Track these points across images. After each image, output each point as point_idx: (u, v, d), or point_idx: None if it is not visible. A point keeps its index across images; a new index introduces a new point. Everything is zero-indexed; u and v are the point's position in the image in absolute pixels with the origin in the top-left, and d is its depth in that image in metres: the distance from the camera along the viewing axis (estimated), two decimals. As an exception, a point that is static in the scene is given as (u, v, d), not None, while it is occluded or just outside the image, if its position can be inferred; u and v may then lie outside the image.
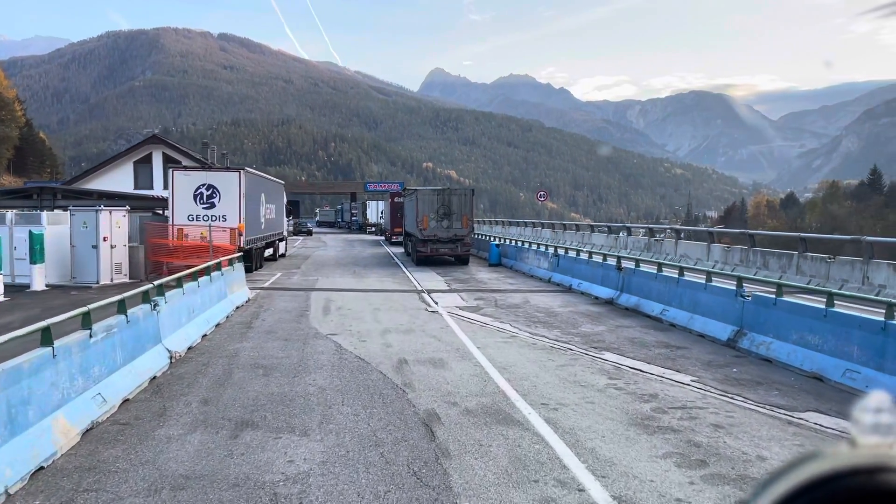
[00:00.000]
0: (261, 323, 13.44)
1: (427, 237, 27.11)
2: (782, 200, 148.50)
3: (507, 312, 14.92)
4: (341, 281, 21.64)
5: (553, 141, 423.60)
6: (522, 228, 51.73)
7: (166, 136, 68.11)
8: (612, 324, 13.43)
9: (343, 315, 14.48)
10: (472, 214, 27.54)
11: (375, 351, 10.78)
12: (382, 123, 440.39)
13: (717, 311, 11.58)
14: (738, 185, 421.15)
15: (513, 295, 18.02)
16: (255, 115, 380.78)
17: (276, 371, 9.45)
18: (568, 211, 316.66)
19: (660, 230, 33.05)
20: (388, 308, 15.54)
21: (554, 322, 13.63)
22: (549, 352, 10.81)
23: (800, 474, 0.49)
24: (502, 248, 27.76)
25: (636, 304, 14.71)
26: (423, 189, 29.14)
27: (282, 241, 32.33)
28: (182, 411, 7.60)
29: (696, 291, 12.38)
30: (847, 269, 17.00)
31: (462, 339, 11.83)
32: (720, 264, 22.96)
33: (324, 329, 12.75)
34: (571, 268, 19.53)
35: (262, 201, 26.28)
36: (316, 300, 16.91)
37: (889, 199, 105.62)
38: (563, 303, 16.46)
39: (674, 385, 8.75)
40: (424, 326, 13.07)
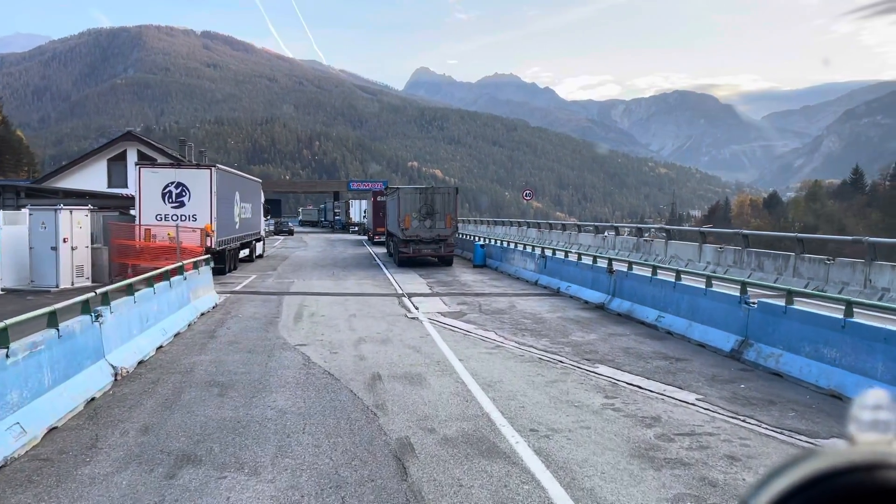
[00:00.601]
0: (225, 332, 12.38)
1: (409, 237, 26.12)
2: (765, 200, 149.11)
3: (491, 319, 13.97)
4: (318, 284, 20.60)
5: (538, 140, 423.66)
6: (508, 228, 50.89)
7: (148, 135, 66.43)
8: (604, 331, 12.52)
9: (315, 322, 13.46)
10: (455, 214, 26.58)
11: (347, 365, 9.78)
12: (367, 122, 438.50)
13: (719, 318, 10.70)
14: (722, 184, 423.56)
15: (498, 299, 17.08)
16: (239, 114, 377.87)
17: (234, 390, 8.43)
18: (553, 210, 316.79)
19: (649, 230, 32.28)
20: (364, 314, 14.53)
21: (542, 330, 12.70)
22: (538, 365, 9.87)
23: (798, 471, 0.49)
24: (487, 249, 26.84)
25: (629, 309, 13.81)
26: (406, 188, 28.15)
27: (259, 241, 31.21)
28: (116, 442, 6.57)
29: (695, 297, 11.50)
30: (848, 271, 16.22)
31: (443, 349, 10.86)
32: (712, 265, 22.18)
33: (293, 339, 11.72)
34: (559, 270, 18.63)
35: (237, 200, 25.16)
36: (288, 305, 15.86)
37: (871, 198, 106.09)
38: (550, 308, 15.54)
39: (678, 405, 7.83)
40: (403, 335, 12.08)
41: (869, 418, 0.51)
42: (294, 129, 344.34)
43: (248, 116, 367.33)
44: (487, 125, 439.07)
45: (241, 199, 26.08)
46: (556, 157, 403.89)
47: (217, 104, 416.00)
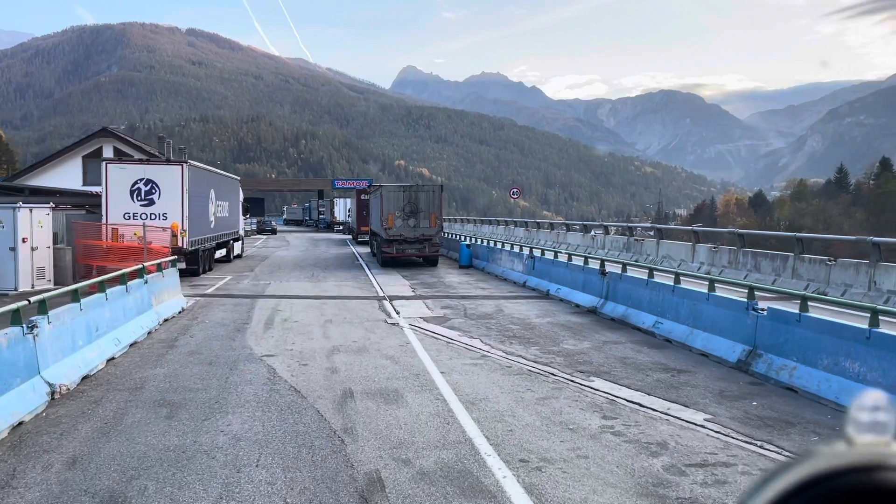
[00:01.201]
0: (187, 341, 11.38)
1: (392, 237, 25.16)
2: (751, 199, 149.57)
3: (477, 324, 13.06)
4: (296, 286, 19.60)
5: (525, 139, 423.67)
6: (495, 227, 50.06)
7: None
8: (597, 339, 11.64)
9: (287, 329, 12.49)
10: (440, 212, 25.65)
11: (317, 379, 8.83)
12: (354, 121, 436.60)
13: (724, 326, 9.85)
14: (707, 183, 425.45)
15: (484, 303, 16.17)
16: (225, 112, 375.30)
17: (185, 410, 7.46)
18: (540, 209, 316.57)
19: (638, 229, 31.51)
20: (341, 320, 13.58)
21: (531, 337, 11.80)
22: (527, 378, 8.97)
23: (796, 473, 0.49)
24: (473, 249, 25.94)
25: (623, 314, 12.95)
26: (389, 185, 27.19)
27: (237, 240, 30.15)
28: (35, 479, 5.59)
29: (697, 302, 10.65)
30: (851, 272, 15.46)
31: (423, 360, 9.93)
32: (706, 266, 21.41)
33: (260, 349, 10.75)
34: (548, 271, 17.75)
35: (212, 198, 24.10)
36: (261, 310, 14.87)
37: (856, 197, 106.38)
38: (540, 312, 14.66)
39: (685, 427, 6.95)
40: (381, 344, 11.14)
41: (867, 419, 0.50)
42: (280, 127, 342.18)
43: (234, 115, 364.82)
44: (474, 124, 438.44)
45: (217, 196, 25.02)
46: (542, 156, 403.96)
47: (202, 102, 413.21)
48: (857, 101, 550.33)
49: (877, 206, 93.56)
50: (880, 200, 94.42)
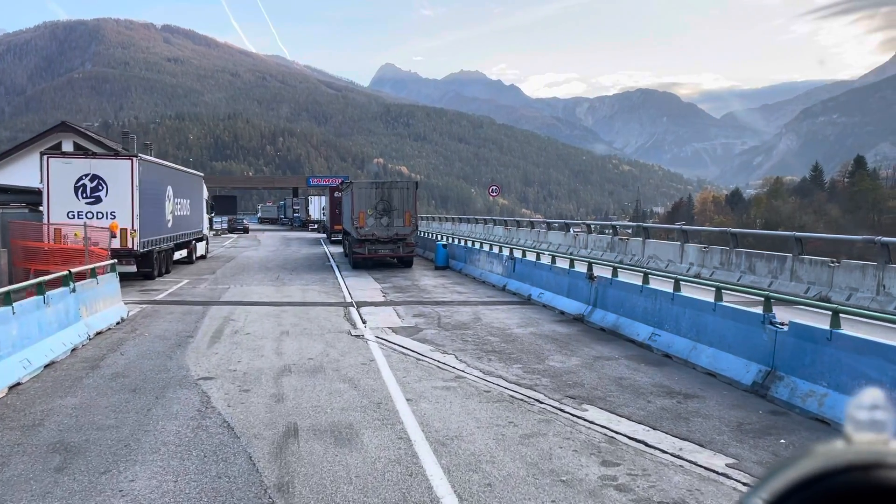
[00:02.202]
0: (115, 360, 9.84)
1: (364, 237, 23.68)
2: (728, 196, 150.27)
3: (452, 336, 11.65)
4: (257, 290, 18.06)
5: (504, 137, 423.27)
6: (473, 226, 48.71)
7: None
8: (587, 353, 10.29)
9: (236, 343, 10.99)
10: (415, 210, 24.21)
11: (257, 410, 7.37)
12: (332, 118, 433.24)
13: (734, 341, 8.55)
14: (684, 181, 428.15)
15: (460, 309, 14.77)
16: (201, 109, 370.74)
17: (83, 458, 5.97)
18: (519, 207, 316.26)
19: (623, 227, 30.31)
20: (300, 331, 12.10)
21: (512, 351, 10.42)
22: (509, 406, 7.59)
23: (795, 471, 0.49)
24: (450, 249, 24.54)
25: (615, 324, 11.62)
26: (360, 182, 25.70)
27: (201, 241, 28.44)
28: None
29: (701, 312, 9.34)
30: (856, 275, 14.29)
31: (387, 383, 8.51)
32: (696, 267, 20.23)
33: (198, 369, 9.25)
34: (530, 274, 16.40)
35: (169, 195, 22.42)
36: (212, 319, 13.34)
37: (830, 194, 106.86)
38: (521, 320, 13.29)
39: (705, 478, 5.60)
40: (340, 362, 9.69)
41: (865, 417, 0.50)
42: (257, 125, 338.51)
43: (211, 112, 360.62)
44: (453, 122, 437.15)
45: (176, 194, 23.34)
46: (521, 154, 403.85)
47: (178, 99, 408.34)
48: (830, 100, 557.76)
49: (852, 203, 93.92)
50: (855, 198, 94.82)
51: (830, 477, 0.47)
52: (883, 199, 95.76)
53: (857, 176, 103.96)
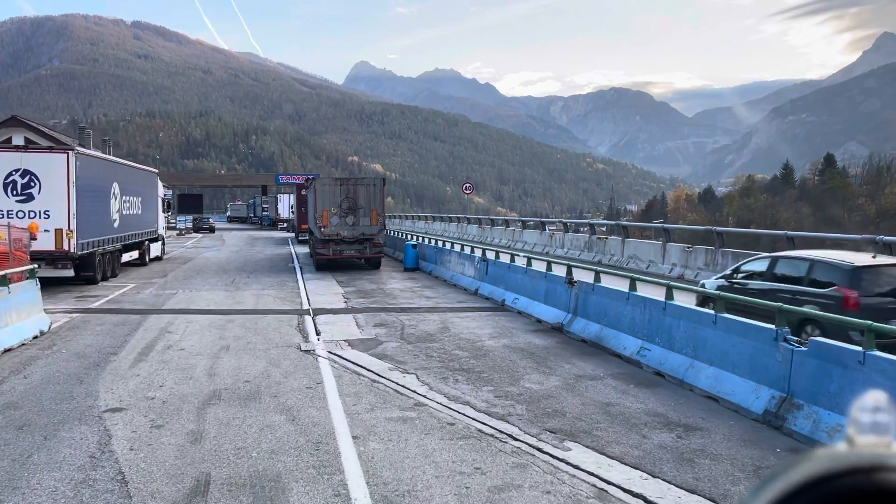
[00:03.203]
0: (14, 385, 8.33)
1: (328, 237, 22.21)
2: (700, 194, 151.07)
3: (415, 351, 10.30)
4: (207, 297, 16.53)
5: (479, 136, 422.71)
6: (447, 224, 47.43)
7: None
8: (568, 371, 9.00)
9: (165, 362, 9.52)
10: (383, 209, 22.82)
11: (164, 456, 5.96)
12: (306, 116, 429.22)
13: (739, 360, 7.32)
14: (657, 179, 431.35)
15: (427, 317, 13.42)
16: (172, 107, 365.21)
17: (-87, 536, 4.52)
18: (494, 205, 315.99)
19: (600, 225, 29.20)
20: (243, 346, 10.65)
21: (483, 370, 9.10)
22: (476, 445, 6.26)
23: (797, 474, 0.48)
24: (420, 250, 23.17)
25: (598, 335, 10.36)
26: (323, 178, 24.23)
27: (155, 241, 26.72)
28: None
29: (699, 325, 8.10)
30: (855, 277, 13.19)
31: (333, 414, 7.14)
32: (679, 267, 19.12)
33: (110, 396, 7.79)
34: (504, 277, 15.11)
35: (115, 193, 20.76)
36: (146, 331, 11.83)
37: (801, 192, 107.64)
38: (494, 330, 11.98)
39: (727, 554, 4.32)
40: (282, 385, 8.30)
41: (868, 420, 0.50)
42: (230, 122, 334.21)
43: (182, 109, 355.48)
44: (428, 120, 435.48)
45: (124, 191, 21.66)
46: (496, 152, 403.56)
47: (149, 96, 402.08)
48: (800, 99, 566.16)
49: (822, 201, 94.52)
50: (825, 196, 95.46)
51: (833, 480, 0.47)
52: (853, 196, 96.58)
53: (827, 174, 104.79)
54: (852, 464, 0.47)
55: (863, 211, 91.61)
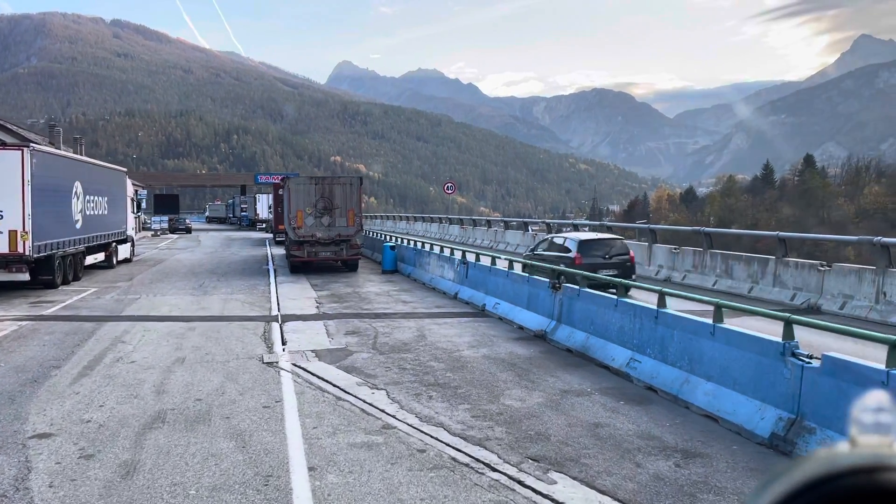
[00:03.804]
0: (-66, 406, 7.45)
1: (303, 238, 21.37)
2: (682, 194, 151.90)
3: (388, 362, 9.53)
4: (171, 302, 15.62)
5: (462, 136, 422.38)
6: (429, 224, 46.71)
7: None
8: (552, 386, 8.27)
9: (111, 377, 8.67)
10: (360, 209, 22.02)
11: (89, 492, 5.14)
12: (288, 116, 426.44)
13: (741, 376, 6.64)
14: (639, 179, 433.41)
15: (403, 324, 12.64)
16: (152, 106, 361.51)
17: None
18: (477, 205, 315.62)
19: (583, 226, 28.56)
20: (200, 357, 9.82)
21: (460, 384, 8.35)
22: (449, 477, 5.51)
23: (799, 474, 0.48)
24: (399, 252, 22.38)
25: (584, 344, 9.65)
26: (298, 177, 23.39)
27: (124, 243, 25.67)
28: None
29: (695, 337, 7.41)
30: (851, 280, 12.64)
31: (290, 439, 6.35)
32: (666, 270, 18.50)
33: (41, 419, 6.94)
34: (484, 281, 14.38)
35: (78, 192, 19.76)
36: (97, 342, 10.95)
37: (781, 193, 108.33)
38: (473, 338, 11.23)
39: None
40: (236, 405, 7.49)
41: (870, 420, 0.50)
42: (211, 122, 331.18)
43: (162, 109, 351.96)
44: (411, 120, 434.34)
45: (88, 191, 20.66)
46: (479, 152, 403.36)
47: (128, 96, 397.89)
48: (779, 100, 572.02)
49: (802, 201, 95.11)
50: (805, 196, 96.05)
51: (834, 480, 0.46)
52: (832, 196, 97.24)
53: (806, 174, 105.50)
54: (854, 464, 0.47)
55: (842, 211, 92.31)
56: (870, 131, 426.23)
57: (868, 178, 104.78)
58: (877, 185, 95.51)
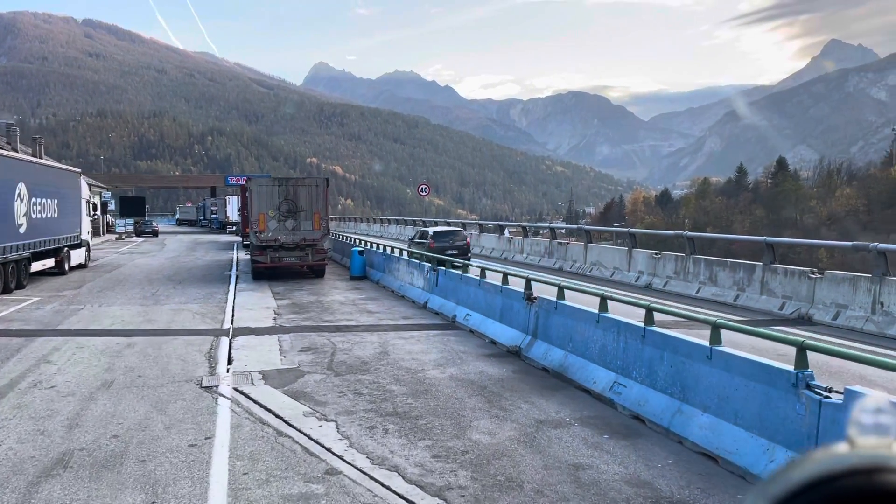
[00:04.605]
0: None
1: (266, 242, 20.21)
2: (657, 197, 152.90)
3: (342, 386, 8.48)
4: (117, 313, 14.41)
5: (439, 138, 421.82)
6: (402, 227, 45.65)
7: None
8: (526, 414, 7.28)
9: (21, 406, 7.52)
10: (326, 211, 20.91)
11: (-64, 578, 4.05)
12: (264, 117, 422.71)
13: (744, 408, 5.71)
14: (614, 182, 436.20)
15: (366, 338, 11.59)
16: (124, 107, 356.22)
17: None
18: (455, 207, 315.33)
19: (559, 229, 27.71)
20: (131, 380, 8.69)
21: (422, 413, 7.34)
22: (399, 544, 4.49)
23: (798, 475, 0.48)
24: (368, 257, 21.31)
25: (561, 364, 8.70)
26: (260, 178, 22.25)
27: (77, 248, 24.28)
28: None
29: (688, 360, 6.47)
30: (845, 289, 11.84)
31: (212, 492, 5.29)
32: (646, 276, 17.67)
33: (-85, 467, 5.80)
34: (455, 289, 13.39)
35: (21, 194, 18.43)
36: (19, 361, 9.75)
37: (755, 195, 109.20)
38: (441, 355, 10.22)
39: None
40: (158, 443, 6.40)
41: (869, 422, 0.50)
42: (185, 123, 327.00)
43: (135, 109, 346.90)
44: (388, 122, 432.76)
45: (34, 192, 19.33)
46: (457, 154, 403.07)
47: (100, 96, 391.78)
48: (752, 103, 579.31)
49: (775, 204, 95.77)
50: (778, 198, 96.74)
51: (834, 481, 0.46)
52: (805, 199, 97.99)
53: (779, 177, 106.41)
54: (853, 465, 0.46)
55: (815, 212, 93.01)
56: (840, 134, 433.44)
57: (840, 181, 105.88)
58: (848, 188, 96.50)
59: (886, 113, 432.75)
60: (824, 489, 0.46)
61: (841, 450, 0.48)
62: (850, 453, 0.48)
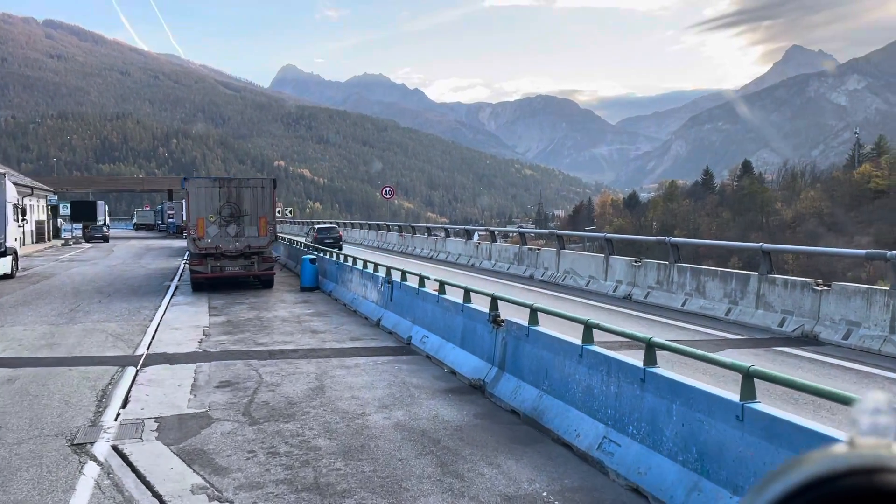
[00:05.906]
0: None
1: (205, 250, 18.19)
2: (625, 199, 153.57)
3: (256, 440, 6.61)
4: (16, 335, 12.29)
5: (408, 141, 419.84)
6: (366, 231, 43.74)
7: None
8: (489, 487, 5.49)
9: None
10: (273, 216, 18.95)
11: None
12: (231, 120, 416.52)
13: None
14: (582, 185, 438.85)
15: (301, 367, 9.70)
16: (86, 109, 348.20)
17: None
18: (424, 211, 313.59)
19: (534, 235, 26.04)
20: (-18, 436, 6.72)
21: (350, 486, 5.50)
22: None
23: (797, 475, 0.48)
24: (320, 265, 19.40)
25: (535, 406, 6.95)
26: (198, 179, 20.23)
27: (2, 256, 21.96)
28: None
29: (710, 420, 4.75)
30: (857, 303, 10.30)
31: None
32: (625, 286, 16.07)
33: None
34: (412, 306, 11.58)
35: (-80, 197, 16.17)
36: None
37: (721, 197, 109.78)
38: (388, 392, 8.39)
39: None
40: (-34, 547, 4.49)
41: (868, 422, 0.50)
42: (149, 125, 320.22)
43: (98, 111, 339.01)
44: (357, 125, 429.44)
45: (-62, 195, 17.06)
46: (426, 157, 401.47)
47: (61, 98, 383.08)
48: (716, 108, 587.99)
49: (741, 206, 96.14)
50: (744, 201, 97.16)
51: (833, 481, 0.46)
52: (770, 201, 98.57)
53: (744, 179, 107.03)
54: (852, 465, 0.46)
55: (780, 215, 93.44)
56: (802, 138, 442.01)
57: (804, 183, 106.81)
58: (812, 190, 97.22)
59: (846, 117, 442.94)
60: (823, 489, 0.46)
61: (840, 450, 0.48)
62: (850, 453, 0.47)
